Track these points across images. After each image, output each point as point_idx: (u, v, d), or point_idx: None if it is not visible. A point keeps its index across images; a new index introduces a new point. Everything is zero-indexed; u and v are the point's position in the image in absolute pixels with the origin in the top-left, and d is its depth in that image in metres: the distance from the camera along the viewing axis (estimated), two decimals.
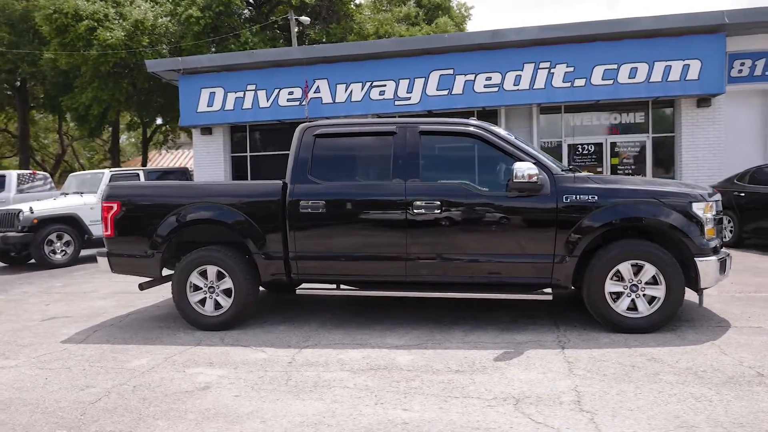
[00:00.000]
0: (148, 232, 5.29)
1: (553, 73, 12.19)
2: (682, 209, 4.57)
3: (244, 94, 13.79)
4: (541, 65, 12.24)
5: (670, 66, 11.60)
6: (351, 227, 4.99)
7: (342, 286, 5.43)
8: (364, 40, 26.20)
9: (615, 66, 11.87)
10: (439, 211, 4.78)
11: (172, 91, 23.95)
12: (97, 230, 10.81)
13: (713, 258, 4.57)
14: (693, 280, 4.64)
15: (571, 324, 4.99)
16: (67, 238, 10.35)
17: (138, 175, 11.71)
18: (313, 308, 6.04)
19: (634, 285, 4.61)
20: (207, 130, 14.74)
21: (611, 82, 11.93)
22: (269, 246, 5.11)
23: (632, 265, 4.60)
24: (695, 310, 5.19)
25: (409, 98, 12.95)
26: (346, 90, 13.25)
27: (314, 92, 13.34)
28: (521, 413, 3.19)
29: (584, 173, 4.92)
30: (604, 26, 11.80)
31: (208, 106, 14.03)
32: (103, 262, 5.54)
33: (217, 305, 5.26)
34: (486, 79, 12.53)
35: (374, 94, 13.13)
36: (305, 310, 5.99)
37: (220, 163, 14.81)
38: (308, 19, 25.08)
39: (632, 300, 4.64)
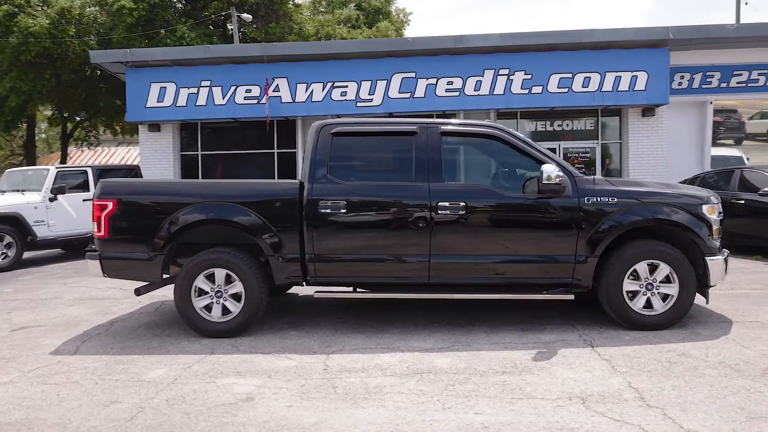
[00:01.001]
0: (150, 232, 4.90)
1: (512, 79, 12.54)
2: (693, 211, 4.81)
3: (198, 90, 13.16)
4: (501, 72, 12.56)
5: (620, 77, 12.27)
6: (373, 228, 4.87)
7: (357, 289, 5.26)
8: (305, 40, 25.88)
9: (570, 75, 12.40)
10: (463, 212, 4.76)
11: (97, 84, 22.53)
12: (42, 231, 9.98)
13: (720, 257, 4.85)
14: (700, 279, 4.89)
15: (584, 323, 5.12)
16: (8, 239, 9.43)
17: (86, 172, 10.86)
18: (315, 312, 5.84)
19: (649, 284, 4.80)
20: (155, 127, 13.93)
21: (566, 90, 12.44)
22: (285, 248, 4.88)
23: (648, 265, 4.79)
24: (693, 307, 5.46)
25: (371, 100, 12.87)
26: (306, 90, 12.98)
27: (273, 91, 12.96)
28: (595, 412, 3.22)
29: (600, 176, 5.05)
30: (561, 36, 12.29)
31: (158, 102, 13.26)
32: (93, 265, 5.06)
33: (225, 311, 4.95)
34: (447, 84, 12.69)
35: (336, 94, 12.94)
36: (307, 314, 5.78)
37: (169, 161, 14.05)
38: (250, 16, 24.41)
39: (647, 298, 4.82)
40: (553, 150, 13.46)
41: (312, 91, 12.98)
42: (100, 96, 23.72)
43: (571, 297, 4.93)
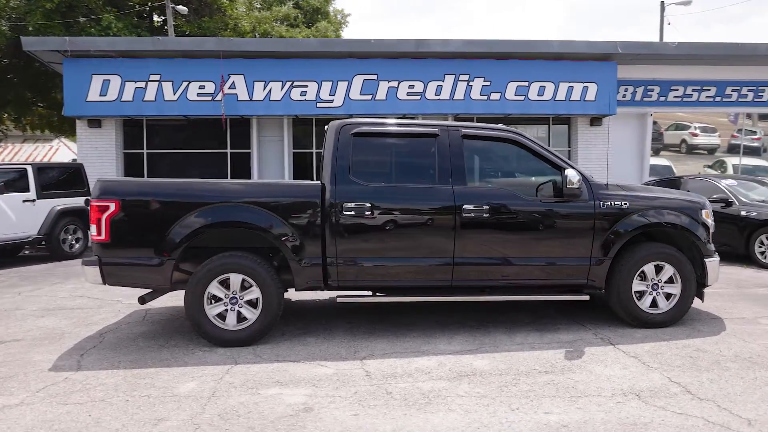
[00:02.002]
0: (159, 235, 4.58)
1: (471, 85, 12.84)
2: (694, 215, 5.15)
3: (146, 84, 12.43)
4: (461, 77, 12.83)
5: (573, 87, 12.90)
6: (397, 231, 4.81)
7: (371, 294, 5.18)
8: (241, 36, 25.17)
9: (526, 83, 12.88)
10: (487, 215, 4.82)
11: (5, 75, 20.64)
12: None
13: (716, 259, 5.22)
14: (697, 279, 5.22)
15: (592, 322, 5.34)
16: None
17: (26, 171, 9.95)
18: (322, 317, 5.69)
19: (655, 284, 5.08)
20: (96, 122, 13.01)
21: (522, 98, 12.91)
22: (306, 251, 4.73)
23: (654, 266, 5.06)
24: None
25: (332, 101, 12.72)
26: (264, 88, 12.61)
27: (229, 88, 12.49)
28: (655, 406, 3.37)
29: (610, 182, 5.26)
30: (518, 46, 12.73)
31: (100, 95, 12.38)
32: (92, 272, 4.65)
33: (240, 318, 4.72)
34: (409, 87, 12.79)
35: (295, 94, 12.68)
36: (315, 319, 5.62)
37: (112, 159, 13.16)
38: (185, 8, 23.38)
39: (653, 298, 5.10)
40: None
41: (270, 90, 12.64)
42: (9, 87, 21.79)
43: (587, 298, 5.12)
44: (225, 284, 4.68)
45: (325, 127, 5.45)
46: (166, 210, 4.65)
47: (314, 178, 13.43)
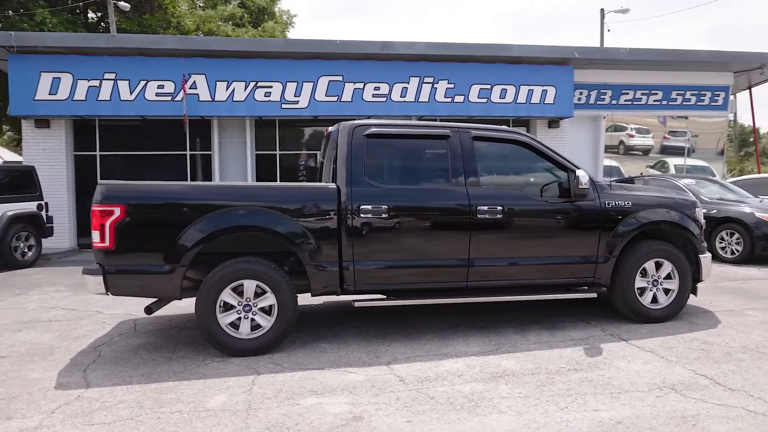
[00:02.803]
0: (169, 241, 4.34)
1: (436, 88, 12.97)
2: (690, 214, 5.40)
3: (101, 83, 11.76)
4: (426, 79, 12.93)
5: (533, 90, 13.28)
6: (414, 233, 4.78)
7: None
8: (184, 35, 24.39)
9: (489, 86, 13.14)
10: (501, 215, 4.87)
11: None
12: None
13: (709, 255, 5.50)
14: (692, 275, 5.47)
15: (595, 318, 5.49)
16: None
17: None
18: (326, 322, 5.57)
19: (655, 280, 5.29)
20: (44, 123, 12.18)
21: (485, 100, 13.17)
22: (323, 255, 4.60)
23: (654, 263, 5.27)
24: None
25: (297, 102, 12.50)
26: (227, 88, 12.23)
27: (190, 88, 12.02)
28: (694, 399, 3.49)
29: (614, 182, 5.43)
30: (480, 49, 12.97)
31: (50, 94, 11.61)
32: (94, 281, 4.33)
33: (254, 326, 4.54)
34: (374, 89, 12.76)
35: (259, 94, 12.36)
36: (320, 324, 5.49)
37: (61, 162, 12.37)
38: (128, 5, 22.35)
39: (653, 294, 5.30)
40: None
41: (233, 90, 12.27)
42: None
43: (594, 295, 5.26)
44: (238, 291, 4.49)
45: (329, 128, 5.35)
46: (177, 214, 4.40)
47: (278, 181, 13.16)
